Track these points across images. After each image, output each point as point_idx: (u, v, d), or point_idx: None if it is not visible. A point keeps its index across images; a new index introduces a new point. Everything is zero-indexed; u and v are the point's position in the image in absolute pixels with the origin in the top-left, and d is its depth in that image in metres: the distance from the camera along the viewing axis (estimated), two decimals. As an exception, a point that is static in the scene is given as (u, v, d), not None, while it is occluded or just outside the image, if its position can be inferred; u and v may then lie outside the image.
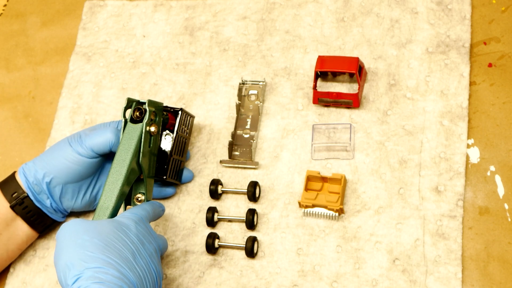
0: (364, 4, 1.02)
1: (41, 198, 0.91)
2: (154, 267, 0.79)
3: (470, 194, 0.88)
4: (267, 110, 0.99)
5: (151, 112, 0.88)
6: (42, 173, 0.90)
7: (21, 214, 0.91)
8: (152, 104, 0.89)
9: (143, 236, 0.80)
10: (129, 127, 0.88)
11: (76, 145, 0.89)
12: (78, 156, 0.89)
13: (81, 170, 0.90)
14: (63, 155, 0.89)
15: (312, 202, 0.89)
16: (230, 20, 1.06)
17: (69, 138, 0.91)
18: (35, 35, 1.14)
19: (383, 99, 0.95)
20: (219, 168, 0.97)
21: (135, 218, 0.82)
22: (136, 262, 0.77)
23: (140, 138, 0.87)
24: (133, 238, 0.79)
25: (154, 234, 0.83)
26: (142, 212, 0.84)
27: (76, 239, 0.76)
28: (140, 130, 0.87)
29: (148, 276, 0.78)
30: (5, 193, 0.91)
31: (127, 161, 0.86)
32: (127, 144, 0.87)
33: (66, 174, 0.90)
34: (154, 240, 0.82)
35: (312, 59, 1.00)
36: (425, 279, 0.84)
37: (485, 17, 0.98)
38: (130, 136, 0.87)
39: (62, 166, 0.89)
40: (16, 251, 0.94)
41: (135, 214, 0.83)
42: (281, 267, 0.88)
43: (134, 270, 0.76)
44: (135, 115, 0.88)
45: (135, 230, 0.80)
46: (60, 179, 0.90)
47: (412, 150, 0.91)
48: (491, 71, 0.94)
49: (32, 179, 0.90)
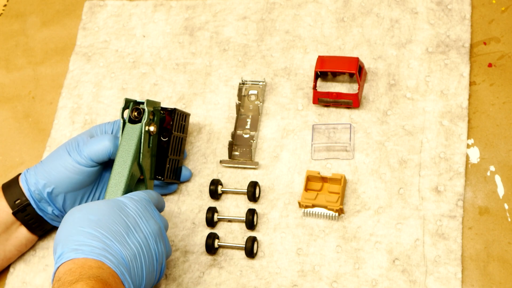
0: (364, 4, 1.02)
1: (43, 206, 0.91)
2: (154, 244, 0.80)
3: (470, 194, 0.88)
4: (267, 110, 0.99)
5: (149, 112, 0.88)
6: (43, 183, 0.89)
7: (22, 220, 0.91)
8: (151, 103, 0.89)
9: (142, 214, 0.81)
10: (128, 128, 0.87)
11: (75, 154, 0.89)
12: (78, 165, 0.89)
13: (81, 179, 0.90)
14: (63, 165, 0.89)
15: (312, 202, 0.89)
16: (230, 20, 1.06)
17: (67, 145, 0.90)
18: (35, 35, 1.14)
19: (383, 99, 0.95)
20: (219, 168, 0.97)
21: (135, 197, 0.82)
22: (129, 237, 0.78)
23: (140, 138, 0.87)
24: (129, 213, 0.80)
25: (158, 214, 0.83)
26: (143, 194, 0.84)
27: (71, 218, 0.78)
28: (139, 130, 0.87)
29: (145, 252, 0.79)
30: (8, 198, 0.90)
31: (128, 163, 0.86)
32: (127, 145, 0.87)
33: (67, 184, 0.89)
34: (157, 219, 0.82)
35: (312, 59, 1.00)
36: (425, 279, 0.84)
37: (485, 17, 0.98)
38: (129, 137, 0.87)
39: (62, 176, 0.89)
40: (14, 253, 0.94)
41: (135, 195, 0.83)
42: (281, 267, 0.88)
43: (124, 244, 0.77)
44: (133, 115, 0.88)
45: (133, 207, 0.80)
46: (61, 188, 0.90)
47: (412, 150, 0.91)
48: (491, 71, 0.94)
49: (34, 188, 0.90)
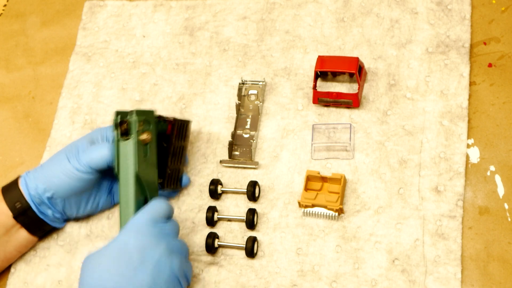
0: (364, 4, 1.02)
1: (43, 209, 0.91)
2: (167, 266, 0.80)
3: (470, 194, 0.88)
4: (267, 110, 0.99)
5: (137, 123, 0.86)
6: (43, 188, 0.89)
7: (23, 223, 0.91)
8: (141, 113, 0.86)
9: (144, 244, 0.80)
10: (122, 147, 0.86)
11: (74, 161, 0.88)
12: (77, 172, 0.88)
13: (81, 185, 0.90)
14: (62, 171, 0.89)
15: (311, 202, 0.89)
16: (230, 20, 1.06)
17: (67, 151, 0.90)
18: (35, 35, 1.14)
19: (383, 99, 0.95)
20: (219, 168, 0.97)
21: (135, 227, 0.81)
22: (138, 277, 0.78)
23: (135, 153, 0.85)
24: (132, 253, 0.79)
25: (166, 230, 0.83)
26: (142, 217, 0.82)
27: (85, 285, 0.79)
28: (132, 146, 0.85)
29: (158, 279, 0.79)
30: (8, 201, 0.90)
31: (131, 183, 0.85)
32: (125, 164, 0.85)
33: (67, 189, 0.89)
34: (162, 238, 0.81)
35: (312, 59, 1.00)
36: (425, 279, 0.84)
37: (485, 17, 0.98)
38: (125, 157, 0.86)
39: (61, 182, 0.89)
40: (14, 254, 0.94)
41: (134, 224, 0.82)
42: (281, 267, 0.88)
43: (136, 287, 0.78)
44: (123, 128, 0.86)
45: (133, 244, 0.80)
46: (61, 193, 0.90)
47: (412, 150, 0.91)
48: (491, 71, 0.94)
49: (34, 193, 0.90)
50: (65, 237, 0.96)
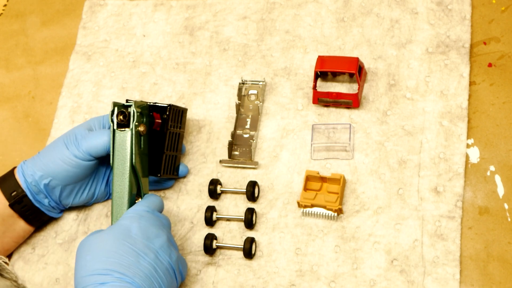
0: (364, 4, 1.02)
1: (40, 197, 0.91)
2: (165, 256, 0.81)
3: (470, 194, 0.88)
4: (267, 110, 0.99)
5: (135, 113, 0.86)
6: (40, 175, 0.90)
7: (19, 212, 0.91)
8: (138, 104, 0.87)
9: (147, 232, 0.81)
10: (118, 136, 0.87)
11: (73, 148, 0.89)
12: (75, 159, 0.89)
13: (78, 172, 0.90)
14: (60, 158, 0.89)
15: (311, 202, 0.89)
16: (230, 20, 1.06)
17: (65, 138, 0.90)
18: (35, 35, 1.14)
19: (382, 99, 0.95)
20: (218, 167, 0.97)
21: (138, 214, 0.83)
22: (140, 263, 0.79)
23: (132, 144, 0.86)
24: (136, 239, 0.80)
25: (161, 222, 0.84)
26: (145, 206, 0.84)
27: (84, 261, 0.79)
28: (129, 136, 0.86)
29: (158, 269, 0.80)
30: (4, 191, 0.91)
31: (126, 173, 0.86)
32: (121, 155, 0.86)
33: (64, 176, 0.90)
34: (163, 229, 0.83)
35: (312, 59, 1.00)
36: (423, 279, 0.84)
37: (485, 17, 0.98)
38: (121, 146, 0.86)
39: (59, 169, 0.89)
40: (12, 244, 0.94)
41: (137, 212, 0.83)
42: (279, 267, 0.88)
43: (137, 272, 0.78)
44: (119, 119, 0.86)
45: (138, 230, 0.81)
46: (58, 181, 0.90)
47: (411, 151, 0.91)
48: (491, 71, 0.94)
49: (31, 180, 0.90)
50: (63, 236, 0.96)
